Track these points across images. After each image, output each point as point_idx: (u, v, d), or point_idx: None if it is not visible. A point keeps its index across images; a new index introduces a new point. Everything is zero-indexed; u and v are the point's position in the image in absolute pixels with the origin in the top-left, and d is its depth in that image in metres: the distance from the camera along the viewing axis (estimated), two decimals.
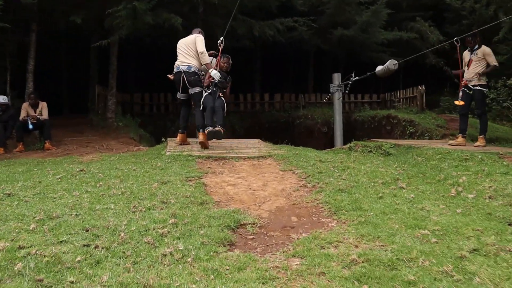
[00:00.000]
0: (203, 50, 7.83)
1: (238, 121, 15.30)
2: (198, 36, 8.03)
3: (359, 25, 14.60)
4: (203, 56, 7.84)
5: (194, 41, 7.96)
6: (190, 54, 7.95)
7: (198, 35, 8.11)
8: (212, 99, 7.92)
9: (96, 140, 10.61)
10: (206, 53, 7.89)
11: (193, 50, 7.94)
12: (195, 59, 7.93)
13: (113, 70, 12.21)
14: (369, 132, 13.84)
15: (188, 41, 8.08)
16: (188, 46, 8.01)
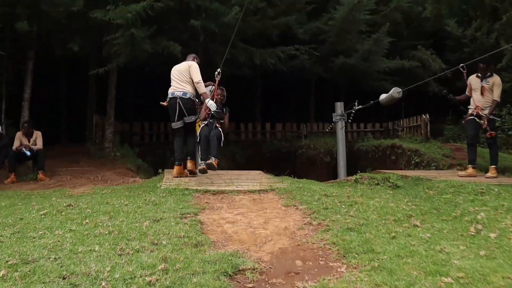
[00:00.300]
0: (199, 79, 7.49)
1: (239, 151, 14.90)
2: (192, 64, 7.69)
3: (360, 53, 14.33)
4: (199, 86, 7.50)
5: (187, 69, 7.62)
6: (184, 80, 7.60)
7: (192, 62, 7.77)
8: (208, 130, 7.69)
9: (91, 171, 10.19)
10: (202, 83, 7.54)
11: (187, 77, 7.60)
12: (190, 85, 7.58)
13: (111, 99, 11.89)
14: (373, 162, 13.42)
15: (181, 68, 7.75)
16: (182, 73, 7.67)
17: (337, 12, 14.05)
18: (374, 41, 14.02)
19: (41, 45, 11.05)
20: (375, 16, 15.08)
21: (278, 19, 12.43)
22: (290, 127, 16.06)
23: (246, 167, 14.96)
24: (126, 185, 7.51)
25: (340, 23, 14.11)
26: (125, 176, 9.81)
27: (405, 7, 15.57)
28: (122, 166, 10.87)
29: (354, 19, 14.10)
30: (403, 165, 12.03)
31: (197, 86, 7.51)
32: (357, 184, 7.16)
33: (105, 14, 8.97)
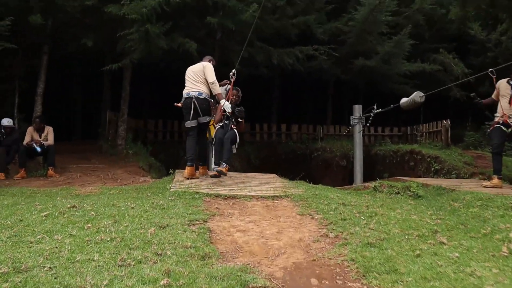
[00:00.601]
0: (214, 79, 7.41)
1: (254, 152, 14.58)
2: (207, 65, 7.61)
3: (381, 55, 13.90)
4: (213, 86, 7.43)
5: (202, 70, 7.55)
6: (199, 80, 7.53)
7: (207, 63, 7.68)
8: (223, 132, 7.56)
9: (102, 169, 9.96)
10: (217, 83, 7.47)
11: (201, 77, 7.54)
12: (204, 85, 7.51)
13: (125, 95, 11.65)
14: (390, 167, 13.00)
15: (196, 69, 7.67)
16: (196, 73, 7.59)
17: (358, 12, 13.64)
18: (395, 43, 13.58)
19: (56, 40, 10.83)
20: (396, 18, 14.62)
21: (297, 18, 12.07)
22: (306, 129, 15.69)
23: (260, 169, 14.63)
24: (135, 185, 7.24)
25: (361, 24, 13.70)
26: (136, 175, 9.54)
27: (427, 9, 15.08)
28: (134, 165, 10.62)
29: (375, 20, 13.67)
30: (422, 172, 11.60)
31: (211, 87, 7.43)
32: (376, 192, 6.78)
33: (120, 8, 8.72)
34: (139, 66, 13.68)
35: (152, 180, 8.10)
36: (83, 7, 9.61)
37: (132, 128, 14.07)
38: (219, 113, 7.75)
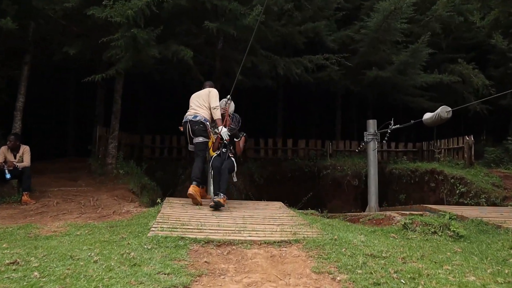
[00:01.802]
0: (216, 105, 7.45)
1: (258, 169, 13.25)
2: (213, 90, 7.65)
3: (396, 65, 12.58)
4: (215, 111, 7.44)
5: (207, 94, 7.58)
6: (200, 105, 7.55)
7: (212, 89, 7.71)
8: (220, 161, 7.23)
9: (86, 192, 8.67)
10: (219, 109, 7.48)
11: (205, 102, 7.57)
12: (204, 110, 7.52)
13: (116, 109, 10.37)
14: (407, 188, 11.63)
15: (201, 93, 7.69)
16: (201, 97, 7.62)
17: (371, 20, 12.36)
18: (412, 52, 12.26)
19: (40, 49, 9.61)
20: (411, 26, 13.34)
21: (305, 25, 10.78)
22: (314, 144, 14.33)
23: (265, 188, 13.30)
24: (113, 221, 5.92)
25: (374, 32, 12.41)
26: (123, 200, 8.25)
27: (444, 16, 13.75)
28: (123, 187, 9.30)
29: (389, 28, 12.38)
30: (445, 195, 10.23)
31: (213, 112, 7.46)
32: (408, 231, 5.40)
33: (102, 11, 7.44)
34: (133, 77, 12.47)
35: (136, 210, 6.77)
36: (66, 12, 8.37)
37: (127, 144, 12.83)
38: (216, 141, 7.48)
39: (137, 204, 7.96)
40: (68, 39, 8.81)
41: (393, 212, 7.55)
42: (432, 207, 7.31)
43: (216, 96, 7.50)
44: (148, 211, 6.43)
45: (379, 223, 7.30)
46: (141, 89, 15.34)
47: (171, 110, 13.59)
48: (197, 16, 9.29)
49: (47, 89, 13.77)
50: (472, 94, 14.47)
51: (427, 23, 14.08)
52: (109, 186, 9.42)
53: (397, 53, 12.99)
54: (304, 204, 12.71)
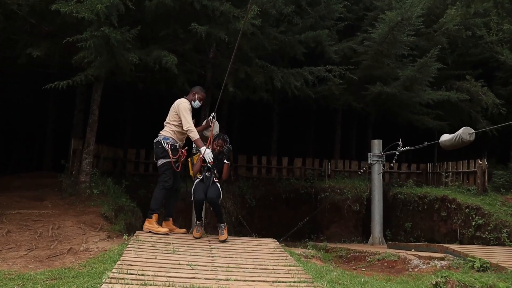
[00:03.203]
0: (188, 125, 6.39)
1: (250, 190, 11.88)
2: (180, 104, 6.52)
3: (402, 81, 11.32)
4: (189, 134, 6.46)
5: (175, 109, 6.56)
6: (168, 120, 6.66)
7: (182, 101, 6.58)
8: (204, 188, 6.25)
9: (50, 216, 7.26)
10: (192, 129, 6.43)
11: (171, 117, 6.62)
12: (167, 126, 6.63)
13: (92, 121, 8.99)
14: (414, 216, 10.29)
15: (172, 107, 6.68)
16: (170, 112, 6.69)
17: (375, 31, 11.12)
18: (420, 67, 11.00)
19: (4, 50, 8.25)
20: (416, 39, 12.10)
21: (307, 33, 9.48)
22: (311, 164, 12.98)
23: (257, 210, 11.90)
24: (57, 270, 4.50)
25: (378, 44, 11.17)
26: (91, 227, 6.85)
27: (452, 30, 12.53)
28: (95, 210, 7.87)
29: (395, 40, 11.15)
30: (459, 226, 8.90)
31: (188, 134, 6.50)
32: None
33: (67, 5, 6.09)
34: (115, 86, 11.14)
35: (98, 248, 5.38)
36: (33, 8, 7.03)
37: (107, 158, 11.42)
38: (197, 162, 6.54)
39: (105, 234, 6.56)
40: (36, 40, 7.44)
41: (408, 253, 6.20)
42: (455, 248, 5.96)
43: (186, 111, 6.40)
44: (110, 251, 5.03)
45: (391, 266, 5.96)
46: (126, 99, 13.94)
47: (158, 123, 12.26)
48: (184, 19, 7.98)
49: (21, 96, 12.37)
50: (479, 113, 13.23)
51: (433, 36, 12.88)
52: (79, 209, 8.00)
53: (403, 68, 11.74)
54: (300, 230, 11.33)
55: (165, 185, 6.56)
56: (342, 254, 7.56)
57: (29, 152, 13.87)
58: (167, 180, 6.54)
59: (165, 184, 6.55)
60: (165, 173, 6.56)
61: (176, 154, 6.62)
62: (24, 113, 13.29)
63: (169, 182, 6.56)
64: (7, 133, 13.49)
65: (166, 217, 6.81)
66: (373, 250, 6.99)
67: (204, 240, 5.66)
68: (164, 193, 6.60)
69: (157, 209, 6.54)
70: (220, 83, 9.67)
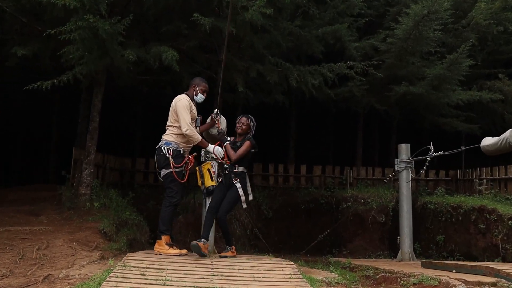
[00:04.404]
0: (186, 128, 5.53)
1: (266, 200, 10.91)
2: (178, 102, 5.72)
3: (429, 80, 10.25)
4: (189, 138, 5.60)
5: (173, 108, 5.76)
6: (169, 123, 5.85)
7: (182, 97, 5.77)
8: (220, 197, 5.80)
9: (41, 234, 6.47)
10: (191, 130, 5.58)
11: (171, 118, 5.79)
12: (168, 129, 5.80)
13: (93, 128, 8.20)
14: (446, 228, 9.19)
15: (171, 106, 5.87)
16: (170, 112, 5.88)
17: (399, 26, 10.08)
18: (449, 65, 9.92)
19: None
20: (443, 35, 11.02)
21: (324, 28, 8.53)
22: (331, 171, 11.95)
23: (274, 222, 10.88)
24: None
25: (402, 41, 10.13)
26: (84, 246, 6.04)
27: (482, 25, 11.40)
28: (93, 226, 7.04)
29: (421, 36, 10.09)
30: (501, 240, 7.78)
31: (188, 137, 5.62)
32: None
33: None
34: (121, 92, 10.36)
35: (80, 275, 4.49)
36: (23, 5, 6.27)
37: (114, 168, 10.64)
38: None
39: (98, 254, 5.71)
40: (25, 40, 6.67)
41: (451, 277, 5.15)
42: (509, 272, 4.89)
43: (184, 109, 5.57)
44: (92, 280, 4.13)
45: None
46: (134, 106, 13.14)
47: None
48: (188, 14, 7.10)
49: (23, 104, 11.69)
50: None
51: (461, 33, 11.77)
52: (75, 224, 7.19)
53: (429, 66, 10.67)
54: (320, 243, 10.32)
55: (172, 201, 5.69)
56: (369, 274, 6.54)
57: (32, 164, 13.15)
58: (173, 195, 5.66)
59: (171, 200, 5.68)
60: (170, 186, 5.67)
61: (181, 162, 5.70)
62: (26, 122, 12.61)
63: (177, 197, 5.70)
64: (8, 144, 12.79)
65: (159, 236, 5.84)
66: (406, 271, 5.96)
67: (206, 263, 4.70)
68: (171, 210, 5.74)
69: (166, 230, 5.65)
70: (232, 86, 8.82)
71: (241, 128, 6.09)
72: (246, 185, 6.03)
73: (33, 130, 12.98)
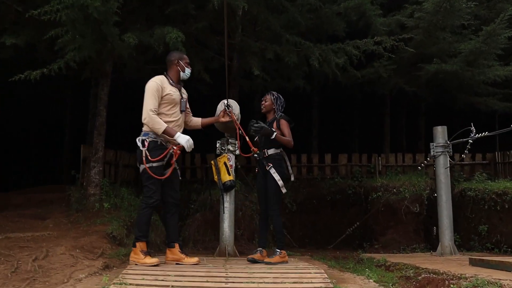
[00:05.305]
0: (144, 117, 4.64)
1: (289, 192, 9.81)
2: (147, 86, 4.72)
3: (463, 56, 9.22)
4: (149, 125, 4.62)
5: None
6: None
7: (154, 79, 4.76)
8: (263, 194, 5.25)
9: (43, 240, 5.84)
10: (149, 119, 4.59)
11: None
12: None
13: (100, 123, 7.55)
14: (490, 217, 8.20)
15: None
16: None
17: (427, 0, 9.07)
18: (486, 37, 8.86)
19: None
20: (474, 8, 9.94)
21: (346, 3, 7.61)
22: (357, 159, 11.02)
23: (298, 216, 10.12)
24: None
25: (432, 15, 9.13)
26: (88, 253, 5.38)
27: None
28: (101, 229, 6.37)
29: (452, 9, 9.06)
30: None
31: (150, 127, 4.65)
32: None
33: None
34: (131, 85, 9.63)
35: None
36: None
37: (127, 165, 9.97)
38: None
39: (102, 263, 5.01)
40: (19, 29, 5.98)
41: None
42: None
43: (149, 93, 4.61)
44: None
45: None
46: None
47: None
48: None
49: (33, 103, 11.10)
50: None
51: (494, 4, 10.66)
52: (83, 228, 6.53)
53: (462, 41, 9.64)
54: (349, 237, 9.50)
55: (149, 202, 4.71)
56: (409, 274, 5.64)
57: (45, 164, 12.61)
58: (151, 195, 4.68)
59: (148, 201, 4.71)
60: (147, 185, 4.71)
61: (159, 155, 4.69)
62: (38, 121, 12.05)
63: (154, 197, 4.70)
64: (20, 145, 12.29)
65: (170, 244, 5.00)
66: (454, 271, 5.06)
67: (220, 275, 3.87)
68: (148, 213, 4.78)
69: (143, 235, 4.74)
70: (247, 71, 8.02)
71: (264, 106, 5.41)
72: (282, 167, 5.28)
73: (45, 129, 12.43)
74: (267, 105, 5.39)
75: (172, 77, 4.86)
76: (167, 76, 4.87)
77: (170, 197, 4.96)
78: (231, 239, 6.61)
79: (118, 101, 9.73)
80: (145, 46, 6.01)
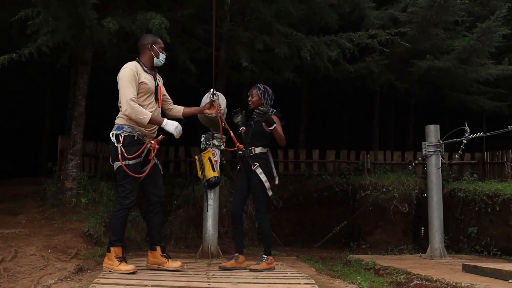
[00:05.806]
0: (126, 108, 4.10)
1: (275, 188, 9.60)
2: (120, 74, 4.24)
3: (457, 53, 8.96)
4: (132, 118, 4.13)
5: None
6: (119, 102, 4.33)
7: (127, 65, 4.26)
8: (242, 192, 4.89)
9: (13, 239, 5.41)
10: (132, 110, 4.09)
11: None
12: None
13: (78, 113, 7.08)
14: (480, 219, 7.96)
15: None
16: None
17: None
18: (480, 35, 8.60)
19: None
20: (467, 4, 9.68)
21: None
22: (346, 156, 10.74)
23: (284, 213, 9.82)
24: None
25: (425, 10, 8.83)
26: (60, 254, 4.98)
27: None
28: (76, 227, 5.97)
29: (446, 4, 8.77)
30: None
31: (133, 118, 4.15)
32: None
33: None
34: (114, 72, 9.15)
35: None
36: None
37: (109, 157, 9.49)
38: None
39: (75, 266, 4.62)
40: None
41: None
42: None
43: (126, 81, 4.13)
44: None
45: None
46: None
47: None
48: None
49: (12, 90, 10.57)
50: None
51: (488, 1, 10.42)
52: (57, 225, 6.11)
53: (455, 38, 9.39)
54: (336, 236, 9.23)
55: (124, 203, 4.22)
56: (400, 280, 5.36)
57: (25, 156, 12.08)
58: (126, 196, 4.21)
59: (123, 202, 4.22)
60: (122, 184, 4.24)
61: (136, 151, 4.22)
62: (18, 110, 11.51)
63: (130, 197, 4.24)
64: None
65: (153, 246, 4.52)
66: (448, 279, 4.80)
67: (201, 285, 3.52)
68: (124, 215, 4.25)
69: (117, 240, 4.26)
70: (235, 62, 7.63)
71: (251, 102, 4.91)
72: (268, 168, 4.85)
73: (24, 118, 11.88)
74: (255, 100, 4.93)
75: (145, 63, 4.36)
76: (140, 62, 4.35)
77: (153, 195, 4.50)
78: (215, 238, 6.27)
79: (99, 90, 9.23)
80: (126, 32, 5.58)
